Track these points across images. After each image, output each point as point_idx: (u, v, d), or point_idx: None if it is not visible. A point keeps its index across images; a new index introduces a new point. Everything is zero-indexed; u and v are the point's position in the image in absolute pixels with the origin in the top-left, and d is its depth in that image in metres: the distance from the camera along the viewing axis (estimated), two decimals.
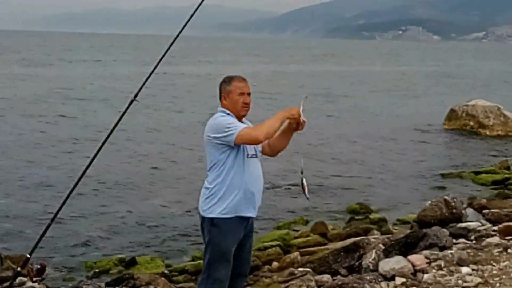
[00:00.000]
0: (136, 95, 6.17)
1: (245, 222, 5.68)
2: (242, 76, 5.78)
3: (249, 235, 5.84)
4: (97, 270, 9.73)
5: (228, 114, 5.60)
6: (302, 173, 5.84)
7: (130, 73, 49.08)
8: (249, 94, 5.68)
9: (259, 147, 5.70)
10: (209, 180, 5.63)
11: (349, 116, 29.54)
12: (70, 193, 5.98)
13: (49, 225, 5.94)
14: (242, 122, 5.64)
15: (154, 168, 17.15)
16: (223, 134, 5.44)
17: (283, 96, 36.18)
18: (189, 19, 6.76)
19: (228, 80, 5.70)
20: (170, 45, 6.45)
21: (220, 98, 5.71)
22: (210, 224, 5.60)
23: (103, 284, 8.77)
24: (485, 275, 7.57)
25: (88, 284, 8.83)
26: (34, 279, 7.63)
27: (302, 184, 5.84)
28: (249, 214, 5.66)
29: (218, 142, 5.49)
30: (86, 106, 30.34)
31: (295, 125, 5.59)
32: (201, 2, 6.89)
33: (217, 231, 5.57)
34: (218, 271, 5.60)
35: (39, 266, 6.32)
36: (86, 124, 24.45)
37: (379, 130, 25.23)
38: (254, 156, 5.66)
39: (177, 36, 6.62)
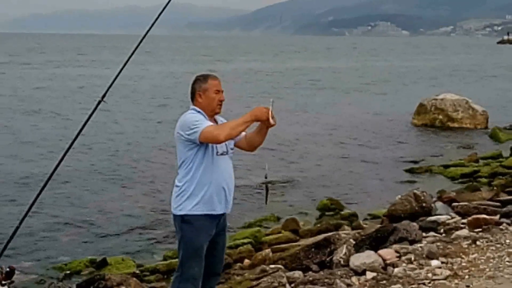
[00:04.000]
0: (103, 96, 6.13)
1: (217, 219, 5.69)
2: (215, 75, 5.81)
3: (222, 233, 5.85)
4: (67, 272, 9.67)
5: (199, 112, 5.61)
6: (266, 177, 6.01)
7: (100, 73, 48.79)
8: (222, 91, 5.73)
9: (230, 144, 5.72)
10: (178, 178, 5.67)
11: (318, 113, 29.56)
12: (38, 195, 5.93)
13: (17, 228, 5.88)
14: (215, 120, 5.68)
15: (124, 168, 17.07)
16: (189, 132, 5.47)
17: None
18: (156, 19, 6.73)
19: (203, 79, 5.72)
20: (138, 45, 6.41)
21: (193, 97, 5.72)
22: (181, 221, 5.62)
23: (74, 286, 8.72)
24: (454, 267, 7.64)
25: (59, 286, 8.78)
26: (3, 282, 7.56)
27: (267, 189, 5.98)
28: (219, 211, 5.67)
29: (186, 138, 5.52)
30: (55, 106, 30.12)
31: (267, 124, 5.60)
32: (168, 2, 6.86)
33: (189, 228, 5.59)
34: (191, 268, 5.62)
35: (8, 269, 6.24)
36: (55, 125, 24.28)
37: (348, 126, 25.33)
38: (224, 153, 5.67)
39: (144, 36, 6.58)
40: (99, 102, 6.14)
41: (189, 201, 5.57)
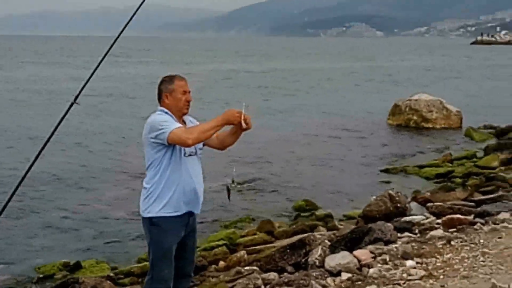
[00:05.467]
0: (76, 98, 6.08)
1: (185, 220, 5.68)
2: (182, 75, 5.78)
3: (191, 235, 5.84)
4: (41, 276, 9.57)
5: (166, 113, 5.59)
6: (233, 182, 6.25)
7: (73, 75, 48.47)
8: (189, 92, 5.70)
9: (199, 144, 5.69)
10: (146, 180, 5.65)
11: (293, 114, 29.55)
12: (10, 198, 5.86)
13: None
14: (184, 122, 5.64)
15: (96, 171, 16.92)
16: (157, 133, 5.45)
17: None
18: (129, 20, 6.71)
19: (169, 80, 5.70)
20: (111, 47, 6.38)
21: (160, 98, 5.69)
22: (149, 224, 5.62)
23: None
24: (429, 267, 7.66)
25: None
26: None
27: (228, 190, 6.11)
28: (188, 212, 5.66)
29: (154, 140, 5.50)
30: (28, 109, 29.86)
31: (240, 126, 5.57)
32: (141, 4, 6.84)
33: (157, 230, 5.58)
34: (161, 270, 5.62)
35: None
36: (27, 127, 24.05)
37: (323, 127, 25.36)
38: (192, 154, 5.66)
39: (117, 38, 6.56)
40: (71, 104, 6.09)
41: (156, 203, 5.56)
